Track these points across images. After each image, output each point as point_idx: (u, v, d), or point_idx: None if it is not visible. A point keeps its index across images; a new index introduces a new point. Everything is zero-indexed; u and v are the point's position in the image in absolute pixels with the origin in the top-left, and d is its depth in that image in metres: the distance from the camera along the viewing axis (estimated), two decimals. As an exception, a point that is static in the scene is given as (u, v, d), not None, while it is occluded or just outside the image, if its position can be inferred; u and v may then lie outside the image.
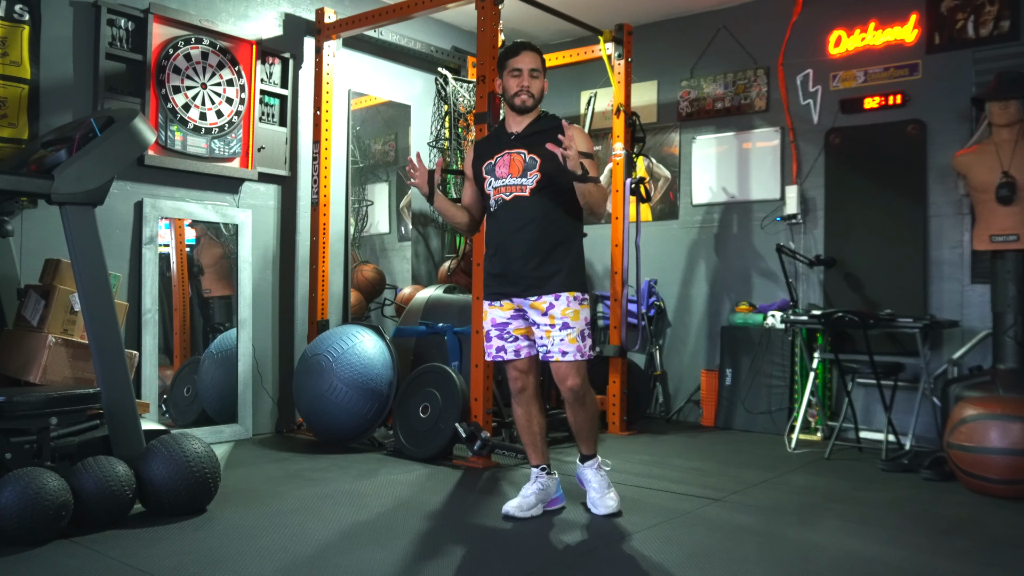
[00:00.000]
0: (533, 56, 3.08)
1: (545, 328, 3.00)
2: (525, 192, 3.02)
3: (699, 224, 5.60)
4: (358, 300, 5.24)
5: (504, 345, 3.10)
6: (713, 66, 5.56)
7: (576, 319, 3.00)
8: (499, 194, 3.07)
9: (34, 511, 2.57)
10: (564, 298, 2.99)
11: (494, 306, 3.11)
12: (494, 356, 3.13)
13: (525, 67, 3.05)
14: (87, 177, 2.95)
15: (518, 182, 3.03)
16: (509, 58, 3.08)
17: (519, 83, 3.04)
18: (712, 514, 3.16)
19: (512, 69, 3.06)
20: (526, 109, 3.07)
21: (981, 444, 3.49)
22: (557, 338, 2.98)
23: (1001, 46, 4.50)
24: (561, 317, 2.98)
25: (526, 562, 2.58)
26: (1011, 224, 3.98)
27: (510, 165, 3.05)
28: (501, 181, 3.06)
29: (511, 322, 3.09)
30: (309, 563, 2.52)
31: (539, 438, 3.16)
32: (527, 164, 3.02)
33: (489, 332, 3.13)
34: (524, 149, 3.05)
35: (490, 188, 3.09)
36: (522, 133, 3.08)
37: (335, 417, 4.26)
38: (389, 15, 4.64)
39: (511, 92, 3.07)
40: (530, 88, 3.05)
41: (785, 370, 5.02)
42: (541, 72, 3.09)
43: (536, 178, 3.00)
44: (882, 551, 2.73)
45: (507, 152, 3.07)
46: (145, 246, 4.21)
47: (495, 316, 3.11)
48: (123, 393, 3.02)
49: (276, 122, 4.84)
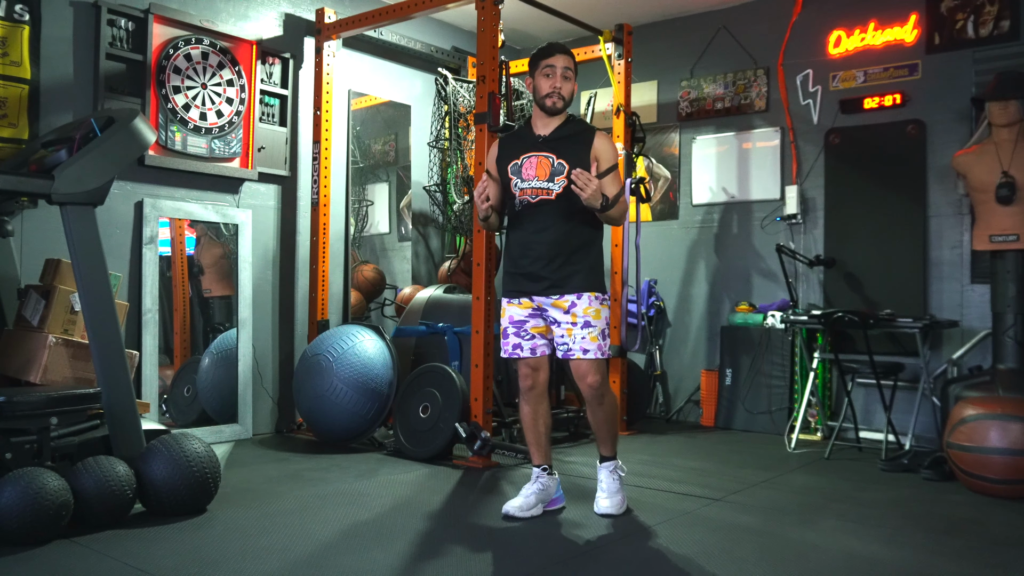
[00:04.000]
0: (566, 57, 3.12)
1: (567, 326, 3.05)
2: (551, 196, 3.06)
3: (699, 224, 5.60)
4: (358, 300, 5.24)
5: (520, 343, 3.13)
6: (713, 66, 5.56)
7: (598, 318, 3.05)
8: (524, 195, 3.10)
9: (34, 511, 2.57)
10: (587, 297, 3.05)
11: (512, 303, 3.14)
12: (510, 353, 3.16)
13: (559, 66, 3.08)
14: (87, 177, 2.95)
15: (544, 186, 3.06)
16: (542, 58, 3.11)
17: (551, 84, 3.07)
18: (712, 514, 3.16)
19: (545, 67, 3.09)
20: (556, 111, 3.11)
21: (981, 444, 3.50)
22: (579, 336, 3.03)
23: (1001, 46, 4.50)
24: (583, 315, 3.03)
25: (526, 562, 2.58)
26: (1011, 224, 3.98)
27: (537, 167, 3.08)
28: (527, 183, 3.09)
29: (528, 320, 3.12)
30: (309, 563, 2.52)
31: (543, 437, 3.18)
32: (554, 169, 3.05)
33: (506, 329, 3.16)
34: (552, 153, 3.08)
35: (516, 189, 3.12)
36: (550, 136, 3.12)
37: (335, 417, 4.26)
38: (389, 15, 4.64)
39: (542, 92, 3.09)
40: (561, 90, 3.08)
41: (785, 370, 5.02)
42: (573, 74, 3.13)
43: (563, 184, 3.04)
44: (882, 551, 2.74)
45: (533, 154, 3.10)
46: (145, 246, 4.21)
47: (513, 313, 3.14)
48: (123, 393, 3.02)
49: (276, 122, 4.84)
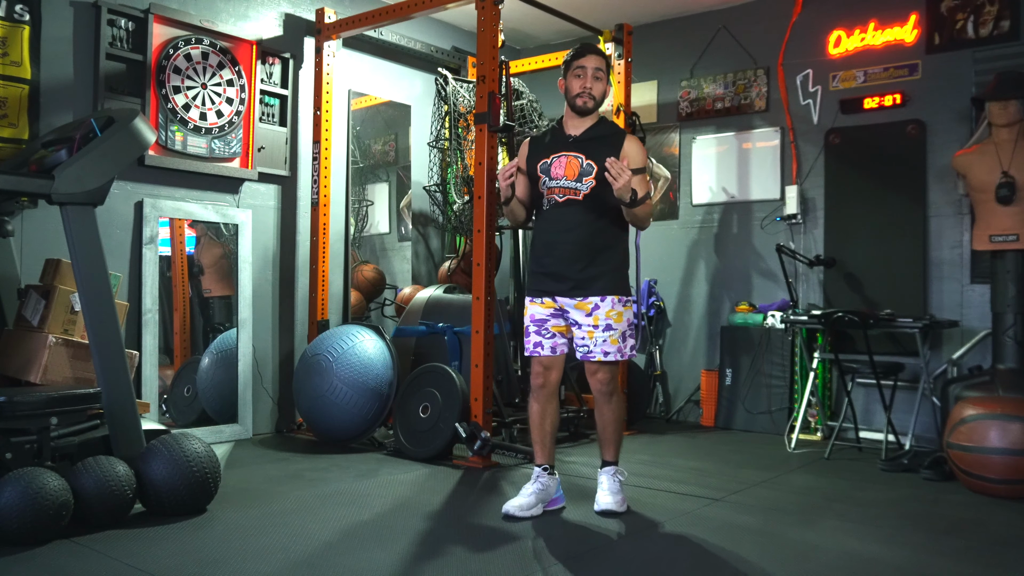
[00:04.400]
0: (598, 58, 3.15)
1: (588, 329, 3.07)
2: (578, 196, 3.09)
3: (699, 224, 5.60)
4: (358, 300, 5.24)
5: (541, 341, 3.16)
6: (713, 66, 5.56)
7: (619, 321, 3.08)
8: (552, 194, 3.13)
9: (34, 511, 2.57)
10: (609, 300, 3.07)
11: (535, 302, 3.17)
12: (531, 351, 3.19)
13: (589, 67, 3.11)
14: (87, 177, 2.95)
15: (573, 186, 3.09)
16: (574, 59, 3.15)
17: (582, 84, 3.10)
18: (712, 514, 3.16)
19: (576, 68, 3.13)
20: (587, 111, 3.14)
21: (981, 444, 3.50)
22: (600, 339, 3.06)
23: (1001, 46, 4.50)
24: (605, 319, 3.06)
25: (526, 562, 2.58)
26: (1011, 224, 3.98)
27: (566, 167, 3.10)
28: (556, 182, 3.11)
29: (549, 319, 3.15)
30: (309, 563, 2.52)
31: (548, 437, 3.19)
32: (583, 170, 3.08)
33: (528, 327, 3.19)
34: (582, 154, 3.10)
35: (544, 187, 3.15)
36: (580, 137, 3.14)
37: (335, 417, 4.26)
38: (389, 15, 4.64)
39: (573, 92, 3.13)
40: (592, 90, 3.11)
41: (785, 370, 5.02)
42: (604, 75, 3.15)
43: (591, 185, 3.07)
44: (882, 551, 2.74)
45: (564, 154, 3.13)
46: (145, 246, 4.21)
47: (534, 312, 3.17)
48: (123, 393, 3.02)
49: (276, 122, 4.84)
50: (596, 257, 3.09)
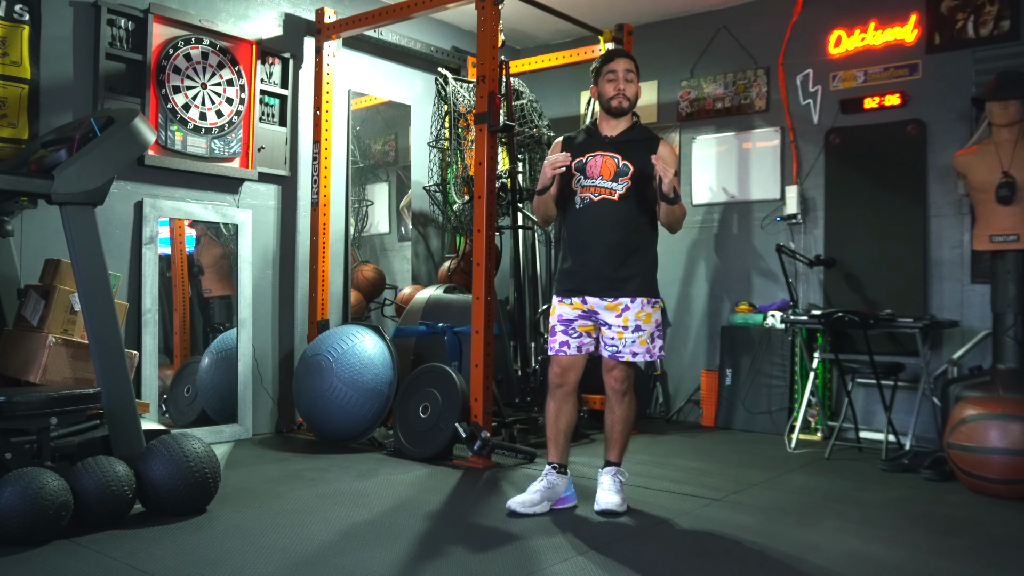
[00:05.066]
0: (627, 60, 3.21)
1: (618, 330, 3.11)
2: (613, 196, 3.12)
3: (699, 224, 5.60)
4: (358, 300, 5.24)
5: (568, 340, 3.17)
6: (713, 66, 5.56)
7: (648, 322, 3.12)
8: (587, 193, 3.15)
9: (34, 511, 2.57)
10: (639, 302, 3.12)
11: (564, 302, 3.19)
12: (557, 351, 3.19)
13: (620, 69, 3.16)
14: (87, 177, 2.95)
15: (608, 185, 3.12)
16: (604, 64, 3.21)
17: (615, 86, 3.15)
18: (712, 514, 3.16)
19: (607, 73, 3.18)
20: (622, 111, 3.18)
21: (981, 444, 3.50)
22: (629, 340, 3.10)
23: (1001, 46, 4.50)
24: (635, 320, 3.10)
25: (526, 562, 2.58)
26: (1011, 224, 3.98)
27: (602, 167, 3.14)
28: (591, 181, 3.14)
29: (577, 320, 3.16)
30: (309, 563, 2.52)
31: (563, 435, 3.20)
32: (619, 170, 3.12)
33: (555, 327, 3.20)
34: (618, 154, 3.14)
35: (578, 186, 3.17)
36: (616, 138, 3.18)
37: (335, 417, 4.26)
38: (389, 15, 4.64)
39: (607, 95, 3.17)
40: (625, 91, 3.15)
41: (785, 370, 5.02)
42: (636, 76, 3.20)
43: (626, 185, 3.11)
44: (882, 551, 2.74)
45: (599, 153, 3.16)
46: (145, 246, 4.21)
47: (563, 312, 3.18)
48: (123, 393, 3.02)
49: (276, 122, 4.84)
50: (629, 258, 3.12)
